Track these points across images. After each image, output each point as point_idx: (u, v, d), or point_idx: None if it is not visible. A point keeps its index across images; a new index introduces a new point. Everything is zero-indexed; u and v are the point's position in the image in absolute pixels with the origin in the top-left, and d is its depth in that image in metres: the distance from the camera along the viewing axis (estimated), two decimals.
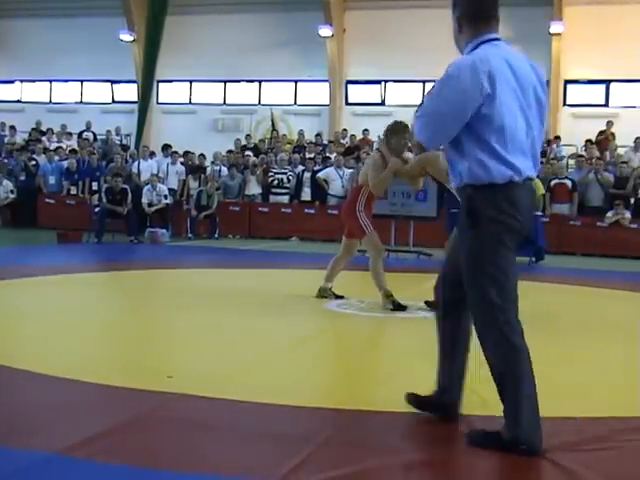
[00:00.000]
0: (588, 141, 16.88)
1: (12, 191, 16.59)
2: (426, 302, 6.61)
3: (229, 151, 17.84)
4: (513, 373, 3.02)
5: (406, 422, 3.43)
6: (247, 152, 18.04)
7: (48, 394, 3.71)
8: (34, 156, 17.60)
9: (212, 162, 17.12)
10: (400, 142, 6.66)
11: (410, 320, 6.28)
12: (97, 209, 14.18)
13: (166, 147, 17.29)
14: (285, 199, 16.05)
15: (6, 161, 17.69)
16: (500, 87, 3.01)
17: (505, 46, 3.19)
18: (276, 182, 16.07)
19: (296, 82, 21.74)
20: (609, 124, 17.39)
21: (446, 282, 3.39)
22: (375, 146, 16.09)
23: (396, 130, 6.71)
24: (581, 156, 15.76)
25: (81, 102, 23.35)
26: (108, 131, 20.29)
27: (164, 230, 14.29)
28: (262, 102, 21.82)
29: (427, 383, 4.29)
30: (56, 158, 17.35)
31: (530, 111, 3.12)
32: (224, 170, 16.60)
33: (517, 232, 3.11)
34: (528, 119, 3.10)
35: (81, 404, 3.55)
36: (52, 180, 17.00)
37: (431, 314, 6.49)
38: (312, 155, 17.14)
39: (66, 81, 23.42)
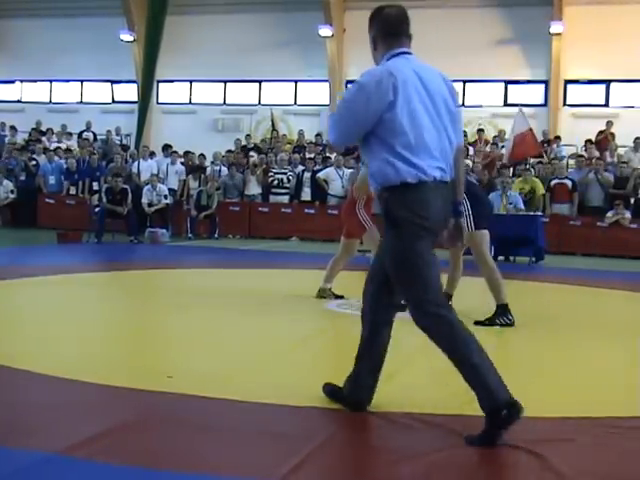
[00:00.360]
0: (588, 141, 16.88)
1: (12, 191, 16.60)
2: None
3: (229, 151, 17.83)
4: (459, 348, 3.23)
5: (406, 422, 3.43)
6: (251, 152, 18.04)
7: (48, 394, 3.71)
8: (34, 156, 17.61)
9: (212, 162, 17.12)
10: None
11: (406, 320, 6.27)
12: (97, 209, 14.18)
13: (166, 147, 17.29)
14: (285, 199, 16.06)
15: (7, 161, 17.68)
16: (405, 95, 3.23)
17: (415, 59, 3.44)
18: (276, 182, 16.07)
19: (296, 82, 21.75)
20: (608, 124, 17.39)
21: (373, 281, 3.53)
22: None
23: None
24: (581, 156, 15.77)
25: (81, 102, 23.36)
26: (108, 131, 20.29)
27: (164, 230, 14.30)
28: (262, 102, 21.82)
29: (426, 382, 4.29)
30: (56, 158, 17.36)
31: (440, 119, 3.32)
32: (224, 170, 16.59)
33: (431, 231, 3.26)
34: (438, 126, 3.30)
35: (81, 404, 3.55)
36: (52, 180, 17.00)
37: None
38: (312, 155, 17.14)
39: (66, 81, 23.43)
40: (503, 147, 17.25)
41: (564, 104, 19.83)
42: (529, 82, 20.15)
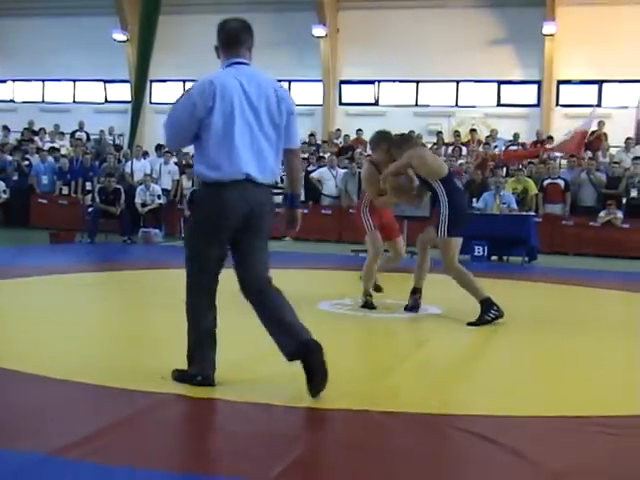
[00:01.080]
0: None
1: (4, 191, 16.54)
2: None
3: None
4: (193, 328, 3.91)
5: (399, 421, 3.44)
6: None
7: (40, 395, 3.70)
8: (27, 156, 17.55)
9: None
10: (383, 152, 6.59)
11: (400, 320, 6.29)
12: (90, 209, 14.14)
13: (160, 147, 17.26)
14: (278, 199, 16.00)
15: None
16: (223, 102, 3.65)
17: (245, 69, 3.82)
18: None
19: (289, 82, 21.73)
20: (601, 124, 17.44)
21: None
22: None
23: (377, 140, 6.69)
24: (573, 156, 15.81)
25: (74, 102, 23.30)
26: (101, 131, 20.24)
27: (157, 230, 14.27)
28: None
29: (420, 382, 4.29)
30: (49, 158, 17.32)
31: (261, 125, 3.73)
32: None
33: (225, 225, 3.74)
34: (256, 132, 3.72)
35: (74, 405, 3.55)
36: (45, 180, 16.95)
37: (421, 314, 6.51)
38: (306, 155, 17.12)
39: (59, 80, 23.37)
40: (496, 147, 17.30)
41: (557, 104, 19.89)
42: (522, 82, 20.20)
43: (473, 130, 18.38)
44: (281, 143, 3.83)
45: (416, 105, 20.79)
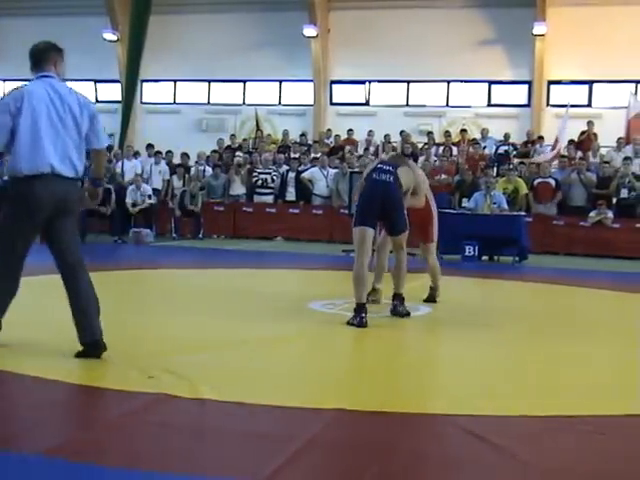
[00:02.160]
0: (571, 141, 16.97)
1: None
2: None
3: (214, 151, 17.79)
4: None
5: (390, 421, 3.44)
6: (237, 153, 17.98)
7: (29, 395, 3.69)
8: None
9: (196, 162, 17.06)
10: None
11: (393, 320, 6.29)
12: (80, 209, 14.08)
13: (150, 147, 17.22)
14: (269, 199, 16.03)
15: None
16: (30, 107, 4.29)
17: (51, 80, 4.47)
18: (260, 182, 16.04)
19: (280, 82, 21.74)
20: (590, 124, 17.48)
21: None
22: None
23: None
24: (564, 156, 15.85)
25: None
26: None
27: (148, 230, 14.23)
28: (246, 102, 21.78)
29: (411, 381, 4.30)
30: None
31: (66, 128, 4.38)
32: (208, 170, 16.54)
33: (37, 215, 4.44)
34: (61, 133, 4.36)
35: (63, 405, 3.54)
36: None
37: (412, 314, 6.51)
38: (297, 155, 17.12)
39: None
40: (485, 147, 17.34)
41: (547, 104, 19.95)
42: (512, 82, 20.25)
43: (464, 130, 18.40)
44: (84, 143, 4.46)
45: (407, 105, 20.81)
